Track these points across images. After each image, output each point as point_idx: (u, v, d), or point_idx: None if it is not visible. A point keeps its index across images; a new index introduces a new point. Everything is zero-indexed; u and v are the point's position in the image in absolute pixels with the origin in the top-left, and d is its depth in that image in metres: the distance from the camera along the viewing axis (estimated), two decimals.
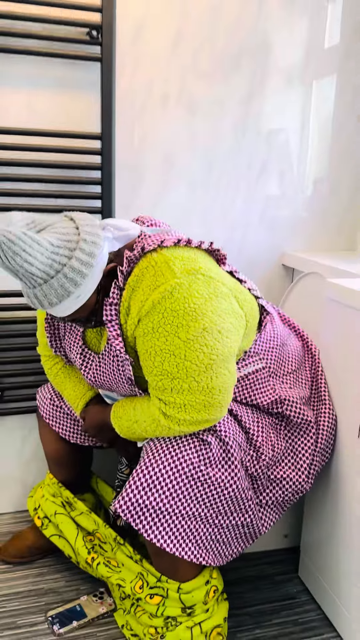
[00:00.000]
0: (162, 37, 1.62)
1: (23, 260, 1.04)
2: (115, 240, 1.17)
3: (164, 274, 1.10)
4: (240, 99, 1.72)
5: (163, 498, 1.13)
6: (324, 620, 1.45)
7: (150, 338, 1.10)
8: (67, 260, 1.07)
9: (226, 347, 1.12)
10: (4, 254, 1.03)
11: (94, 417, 1.32)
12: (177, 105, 1.68)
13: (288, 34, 1.71)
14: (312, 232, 1.91)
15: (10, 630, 1.38)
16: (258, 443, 1.23)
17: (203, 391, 1.10)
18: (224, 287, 1.16)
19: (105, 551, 1.42)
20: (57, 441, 1.51)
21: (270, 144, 1.79)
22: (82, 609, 1.44)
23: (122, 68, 1.61)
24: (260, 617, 1.45)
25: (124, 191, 1.70)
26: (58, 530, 1.51)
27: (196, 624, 1.21)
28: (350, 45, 1.77)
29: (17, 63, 1.53)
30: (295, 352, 1.39)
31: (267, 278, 1.90)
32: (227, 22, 1.65)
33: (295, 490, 1.28)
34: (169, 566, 1.21)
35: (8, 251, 1.03)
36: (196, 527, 1.17)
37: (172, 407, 1.11)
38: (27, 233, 1.04)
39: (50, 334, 1.34)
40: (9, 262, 1.04)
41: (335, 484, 1.36)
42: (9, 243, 1.02)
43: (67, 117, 1.60)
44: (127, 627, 1.33)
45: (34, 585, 1.54)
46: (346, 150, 1.86)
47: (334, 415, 1.35)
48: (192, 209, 1.77)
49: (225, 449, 1.18)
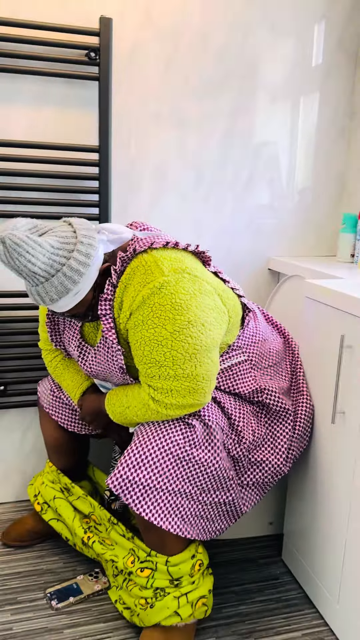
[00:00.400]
0: (155, 59, 1.76)
1: (27, 261, 1.16)
2: (109, 242, 1.29)
3: (153, 272, 1.22)
4: (227, 115, 1.86)
5: (152, 475, 1.24)
6: (304, 599, 1.55)
7: (140, 329, 1.22)
8: (65, 261, 1.20)
9: (209, 339, 1.23)
10: (9, 254, 1.15)
11: (90, 404, 1.44)
12: (169, 120, 1.81)
13: (273, 56, 1.85)
14: (295, 239, 2.04)
15: (11, 605, 1.49)
16: (239, 428, 1.35)
17: (188, 378, 1.21)
18: (208, 285, 1.28)
19: (100, 532, 1.53)
20: (56, 430, 1.62)
21: (256, 157, 1.92)
22: (78, 587, 1.55)
23: (118, 87, 1.75)
24: (244, 595, 1.56)
25: (119, 200, 1.83)
26: (56, 514, 1.62)
27: (183, 594, 1.32)
28: (331, 64, 1.91)
29: (22, 82, 1.66)
30: (276, 347, 1.51)
31: (255, 281, 2.02)
32: (215, 45, 1.79)
33: (274, 472, 1.39)
34: (157, 541, 1.32)
35: (13, 252, 1.15)
36: (182, 503, 1.28)
37: (160, 392, 1.23)
38: (30, 236, 1.16)
39: (51, 329, 1.46)
40: (14, 262, 1.16)
41: (314, 470, 1.47)
42: (14, 245, 1.14)
43: (68, 131, 1.73)
44: (119, 602, 1.44)
45: (34, 566, 1.64)
46: (327, 163, 2.00)
47: (311, 405, 1.46)
48: (183, 216, 1.90)
49: (209, 431, 1.30)
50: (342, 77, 1.94)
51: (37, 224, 1.23)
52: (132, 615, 1.38)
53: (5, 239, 1.14)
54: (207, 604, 1.36)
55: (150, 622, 1.31)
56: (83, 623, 1.44)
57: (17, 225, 1.19)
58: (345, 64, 1.93)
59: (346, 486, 1.33)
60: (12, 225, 1.19)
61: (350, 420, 1.29)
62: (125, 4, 1.69)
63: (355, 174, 1.97)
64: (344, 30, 1.90)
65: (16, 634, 1.39)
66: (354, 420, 1.28)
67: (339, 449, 1.35)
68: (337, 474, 1.36)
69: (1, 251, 1.15)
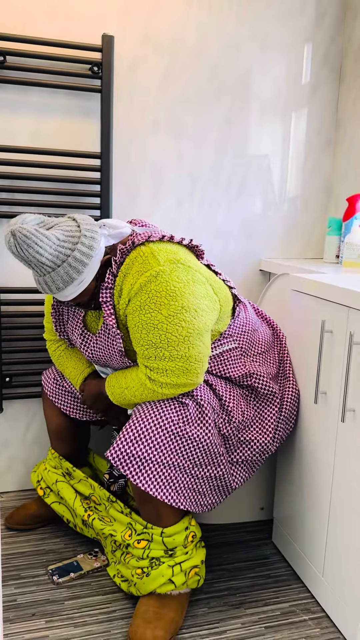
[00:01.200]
0: (153, 73, 1.90)
1: (35, 252, 1.28)
2: (110, 237, 1.41)
3: (150, 262, 1.34)
4: (221, 126, 2.00)
5: (148, 449, 1.34)
6: (292, 575, 1.64)
7: (138, 314, 1.33)
8: (70, 252, 1.31)
9: (201, 323, 1.35)
10: (19, 246, 1.27)
11: (91, 389, 1.54)
12: (166, 130, 1.95)
13: (264, 71, 1.99)
14: (285, 243, 2.16)
15: (15, 580, 1.58)
16: (229, 408, 1.46)
17: (181, 359, 1.32)
18: (200, 275, 1.40)
19: (100, 511, 1.62)
20: (59, 416, 1.72)
21: (248, 165, 2.06)
22: (78, 564, 1.64)
23: (119, 98, 1.88)
24: (235, 572, 1.64)
25: (120, 203, 1.96)
26: (58, 497, 1.71)
27: (177, 564, 1.41)
28: (317, 80, 2.06)
29: (29, 93, 1.80)
30: (265, 337, 1.62)
31: (247, 281, 2.14)
32: (209, 61, 1.93)
33: (261, 451, 1.50)
34: (153, 513, 1.41)
35: (23, 244, 1.27)
36: (176, 476, 1.38)
37: (156, 372, 1.34)
38: (38, 229, 1.28)
39: (56, 319, 1.58)
40: (24, 253, 1.28)
41: (300, 452, 1.57)
42: (24, 237, 1.26)
43: (72, 138, 1.86)
44: (117, 576, 1.53)
45: (36, 547, 1.73)
46: (315, 171, 2.13)
47: (297, 389, 1.57)
48: (179, 220, 2.03)
49: (201, 410, 1.40)
50: (328, 92, 2.08)
51: (44, 219, 1.36)
52: (129, 586, 1.47)
53: (16, 232, 1.26)
54: (200, 574, 1.45)
55: (146, 590, 1.40)
56: (83, 595, 1.52)
57: (26, 220, 1.32)
58: (330, 79, 2.07)
59: (328, 463, 1.43)
60: (21, 220, 1.31)
61: (331, 399, 1.40)
62: (126, 22, 1.83)
63: (341, 181, 2.11)
64: (328, 48, 2.05)
65: (20, 605, 1.48)
66: (334, 400, 1.39)
67: (321, 427, 1.45)
68: (320, 453, 1.46)
69: (12, 243, 1.27)
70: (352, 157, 2.04)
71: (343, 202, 2.10)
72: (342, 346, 1.35)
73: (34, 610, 1.46)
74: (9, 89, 1.77)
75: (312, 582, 1.54)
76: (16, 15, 1.73)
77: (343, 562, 1.38)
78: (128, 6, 1.83)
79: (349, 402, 1.32)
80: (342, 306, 1.34)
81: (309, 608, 1.50)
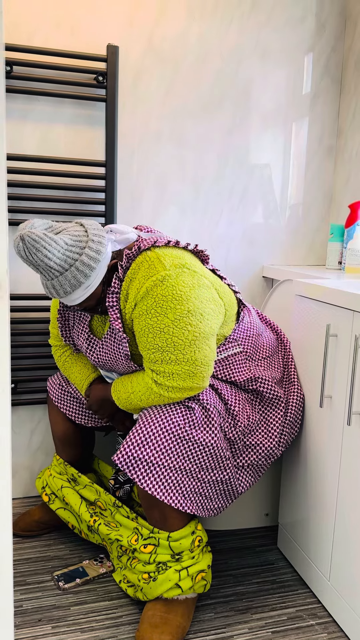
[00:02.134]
0: (157, 83, 1.93)
1: (43, 256, 1.29)
2: (117, 242, 1.43)
3: (156, 267, 1.35)
4: (223, 135, 2.02)
5: (155, 453, 1.35)
6: (298, 581, 1.64)
7: (145, 318, 1.34)
8: (78, 257, 1.33)
9: (207, 327, 1.36)
10: (28, 250, 1.29)
11: (96, 393, 1.55)
12: (169, 139, 1.97)
13: (265, 81, 2.02)
14: (287, 249, 2.18)
15: (20, 586, 1.57)
16: (235, 412, 1.46)
17: (187, 362, 1.33)
18: (206, 279, 1.41)
19: (106, 517, 1.62)
20: (64, 422, 1.73)
21: (250, 173, 2.08)
22: (84, 570, 1.63)
23: (123, 107, 1.91)
24: (242, 578, 1.64)
25: (124, 210, 1.98)
26: (63, 503, 1.71)
27: (184, 568, 1.41)
28: (318, 89, 2.08)
29: (36, 102, 1.82)
30: (269, 342, 1.63)
31: (250, 288, 2.16)
32: (211, 71, 1.96)
33: (267, 455, 1.50)
34: (159, 517, 1.42)
35: (32, 248, 1.28)
36: (182, 480, 1.38)
37: (162, 375, 1.35)
38: (46, 234, 1.30)
39: (62, 324, 1.59)
40: (32, 257, 1.30)
41: (305, 456, 1.58)
42: (33, 242, 1.28)
43: (77, 147, 1.89)
44: (124, 581, 1.53)
45: (41, 553, 1.73)
46: (317, 179, 2.15)
47: (301, 394, 1.58)
48: (182, 227, 2.05)
49: (207, 414, 1.41)
50: (329, 101, 2.11)
51: (52, 224, 1.37)
52: (135, 592, 1.47)
53: (25, 236, 1.28)
54: (207, 578, 1.45)
55: (153, 595, 1.40)
56: (89, 601, 1.52)
57: (35, 225, 1.33)
58: (331, 88, 2.10)
59: (334, 467, 1.43)
60: (30, 225, 1.33)
61: (337, 403, 1.41)
62: (130, 33, 1.86)
63: (342, 188, 2.13)
64: (329, 58, 2.08)
65: (26, 610, 1.48)
66: (339, 404, 1.40)
67: (327, 431, 1.46)
68: (326, 457, 1.47)
69: (21, 247, 1.29)
70: (353, 165, 2.07)
71: (344, 209, 2.12)
72: (347, 350, 1.36)
73: (40, 616, 1.46)
74: (16, 98, 1.80)
75: (318, 587, 1.54)
76: (23, 26, 1.76)
77: (350, 567, 1.38)
78: (132, 17, 1.86)
79: (355, 406, 1.33)
80: (347, 310, 1.35)
81: (316, 613, 1.50)
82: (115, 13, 1.84)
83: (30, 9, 1.76)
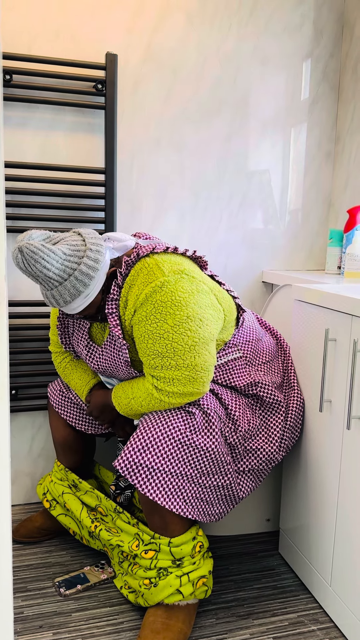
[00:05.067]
0: (156, 91, 1.94)
1: (42, 267, 1.30)
2: (115, 249, 1.44)
3: (154, 273, 1.36)
4: (222, 141, 2.03)
5: (155, 458, 1.35)
6: (300, 586, 1.63)
7: (144, 324, 1.35)
8: (77, 266, 1.34)
9: (207, 333, 1.36)
10: (26, 261, 1.29)
11: (97, 399, 1.56)
12: (168, 145, 1.99)
13: (263, 87, 2.03)
14: (287, 255, 2.19)
15: (21, 592, 1.57)
16: (235, 417, 1.47)
17: (188, 367, 1.34)
18: (204, 285, 1.42)
19: (107, 522, 1.62)
20: (65, 428, 1.73)
21: (249, 179, 2.09)
22: (85, 576, 1.63)
23: (122, 115, 1.92)
24: (243, 583, 1.64)
25: (124, 217, 1.99)
26: (64, 509, 1.71)
27: (185, 574, 1.41)
28: (316, 95, 2.10)
29: (35, 110, 1.84)
30: (269, 347, 1.64)
31: (250, 293, 2.16)
32: (210, 78, 1.98)
33: (268, 460, 1.50)
34: (160, 523, 1.42)
35: (30, 260, 1.29)
36: (184, 485, 1.38)
37: (162, 381, 1.35)
38: (44, 245, 1.30)
39: (62, 331, 1.59)
40: (31, 269, 1.30)
41: (305, 460, 1.58)
42: (31, 253, 1.29)
43: (76, 154, 1.90)
44: (125, 587, 1.52)
45: (42, 560, 1.73)
46: (315, 184, 2.16)
47: (301, 398, 1.58)
48: (181, 233, 2.05)
49: (207, 419, 1.41)
50: (327, 106, 2.12)
51: (50, 235, 1.38)
52: (136, 597, 1.47)
53: (23, 248, 1.29)
54: (208, 584, 1.45)
55: (154, 601, 1.40)
56: (90, 607, 1.52)
57: (33, 236, 1.34)
58: (329, 94, 2.11)
59: (334, 472, 1.43)
60: (28, 236, 1.33)
61: (336, 407, 1.41)
62: (129, 41, 1.88)
63: (341, 193, 2.14)
64: (326, 64, 2.09)
65: (27, 617, 1.48)
66: (339, 408, 1.40)
67: (327, 435, 1.46)
68: (326, 461, 1.47)
69: (19, 259, 1.29)
70: (352, 170, 2.08)
71: (343, 214, 2.13)
72: (346, 354, 1.36)
73: (41, 622, 1.46)
74: (16, 106, 1.81)
75: (319, 592, 1.54)
76: (22, 34, 1.78)
77: (351, 572, 1.38)
78: (130, 25, 1.87)
79: (354, 410, 1.33)
80: (346, 314, 1.35)
81: (317, 618, 1.50)
82: (114, 21, 1.86)
83: (30, 18, 1.78)
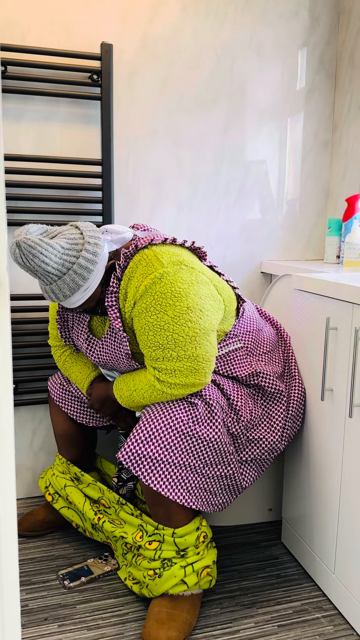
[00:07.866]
0: (152, 81, 1.92)
1: (40, 261, 1.29)
2: (113, 242, 1.43)
3: (153, 265, 1.35)
4: (219, 132, 2.02)
5: (159, 449, 1.35)
6: (303, 574, 1.64)
7: (144, 316, 1.34)
8: (75, 260, 1.33)
9: (207, 323, 1.36)
10: (24, 256, 1.28)
11: (98, 392, 1.55)
12: (165, 136, 1.97)
13: (260, 77, 2.02)
14: (285, 245, 2.18)
15: (25, 585, 1.58)
16: (237, 407, 1.46)
17: (189, 358, 1.33)
18: (204, 276, 1.41)
19: (110, 514, 1.62)
20: (65, 421, 1.73)
21: (247, 169, 2.08)
22: (89, 569, 1.64)
23: (118, 106, 1.91)
24: (246, 573, 1.65)
25: (121, 209, 1.98)
26: (67, 501, 1.71)
27: (189, 564, 1.41)
28: (313, 85, 2.08)
29: (31, 102, 1.82)
30: (269, 337, 1.64)
31: (249, 283, 2.16)
32: (206, 68, 1.96)
33: (270, 449, 1.50)
34: (164, 514, 1.42)
35: (28, 255, 1.28)
36: (187, 476, 1.38)
37: (164, 373, 1.35)
38: (42, 239, 1.30)
39: (61, 325, 1.59)
40: (29, 263, 1.30)
41: (307, 450, 1.58)
42: (29, 248, 1.28)
43: (73, 146, 1.89)
44: (129, 578, 1.53)
45: (46, 553, 1.73)
46: (313, 173, 2.15)
47: (303, 388, 1.58)
48: (179, 224, 2.05)
49: (210, 409, 1.41)
50: (323, 95, 2.11)
51: (47, 229, 1.37)
52: (141, 588, 1.47)
53: (21, 243, 1.28)
54: (212, 574, 1.45)
55: (159, 592, 1.40)
56: (95, 599, 1.52)
57: (30, 231, 1.33)
58: (325, 83, 2.10)
59: (337, 460, 1.44)
60: (25, 231, 1.33)
61: (338, 396, 1.41)
62: (124, 30, 1.86)
63: (339, 182, 2.13)
64: (323, 53, 2.08)
65: (32, 610, 1.48)
66: (340, 396, 1.40)
67: (328, 424, 1.46)
68: (328, 450, 1.47)
69: (17, 254, 1.29)
70: (349, 159, 2.07)
71: (341, 203, 2.12)
72: (348, 342, 1.36)
73: (46, 615, 1.46)
74: (11, 98, 1.80)
75: (323, 580, 1.55)
76: (16, 25, 1.76)
77: (354, 559, 1.39)
78: (125, 15, 1.86)
79: (356, 398, 1.33)
80: (347, 303, 1.35)
81: (321, 606, 1.51)
82: (108, 11, 1.84)
83: (24, 9, 1.76)
